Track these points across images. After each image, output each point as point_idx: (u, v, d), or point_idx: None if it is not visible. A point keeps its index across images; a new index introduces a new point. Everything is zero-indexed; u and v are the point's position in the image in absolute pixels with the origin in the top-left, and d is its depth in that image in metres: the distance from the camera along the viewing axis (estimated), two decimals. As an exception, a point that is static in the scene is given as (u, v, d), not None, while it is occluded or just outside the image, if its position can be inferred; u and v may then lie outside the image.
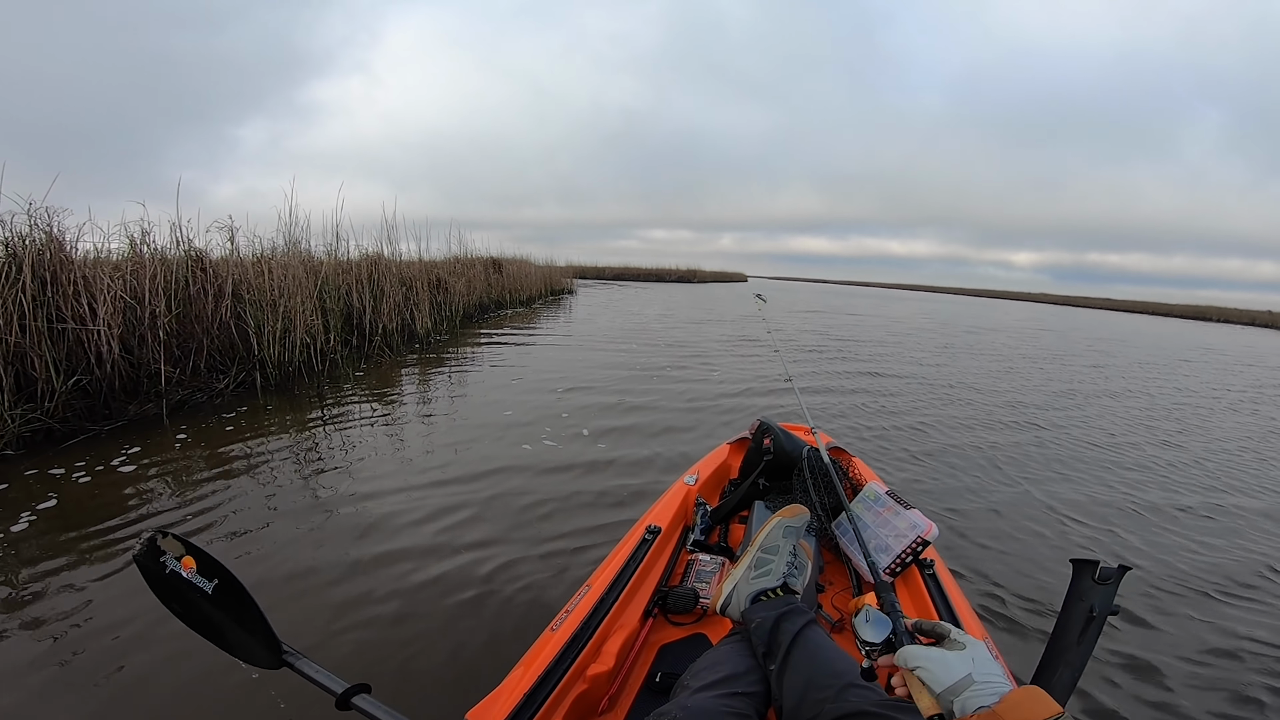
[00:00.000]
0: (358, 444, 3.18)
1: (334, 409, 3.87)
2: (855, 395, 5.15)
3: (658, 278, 35.89)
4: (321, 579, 1.88)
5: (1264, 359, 11.75)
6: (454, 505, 2.43)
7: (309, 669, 0.74)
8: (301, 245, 6.00)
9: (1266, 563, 2.39)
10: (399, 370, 5.21)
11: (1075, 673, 0.72)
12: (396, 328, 6.36)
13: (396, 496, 2.51)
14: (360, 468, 2.83)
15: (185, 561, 0.75)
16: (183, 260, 4.41)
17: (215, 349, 4.41)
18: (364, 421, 3.61)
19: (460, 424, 3.59)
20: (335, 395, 4.20)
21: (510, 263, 14.12)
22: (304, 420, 3.63)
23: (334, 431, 3.42)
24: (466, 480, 2.71)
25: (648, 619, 1.20)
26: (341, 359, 5.20)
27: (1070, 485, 3.16)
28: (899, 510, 1.39)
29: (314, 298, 5.29)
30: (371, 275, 6.53)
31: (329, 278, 5.78)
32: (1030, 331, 13.40)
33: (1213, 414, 5.35)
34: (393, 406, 3.95)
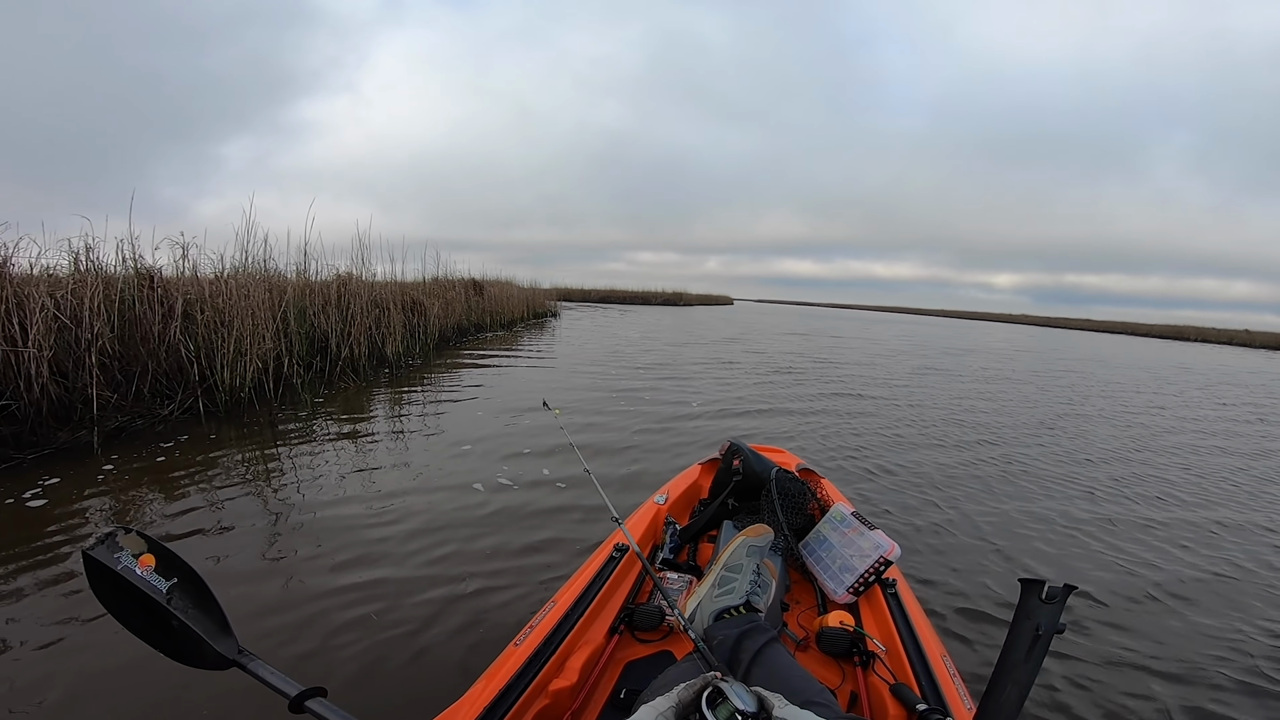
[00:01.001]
0: (297, 480, 2.94)
1: (282, 439, 3.63)
2: (826, 416, 5.23)
3: (644, 300, 35.91)
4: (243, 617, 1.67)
5: (1239, 377, 11.85)
6: (368, 578, 2.04)
7: (262, 670, 0.72)
8: (265, 264, 5.81)
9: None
10: (362, 397, 4.96)
11: (1023, 690, 0.74)
12: (364, 351, 6.13)
13: (299, 569, 2.10)
14: (291, 510, 2.58)
15: (143, 560, 0.72)
16: (129, 278, 4.20)
17: (162, 372, 4.17)
18: (309, 455, 3.35)
19: (411, 461, 3.28)
20: (288, 424, 3.96)
21: (492, 284, 13.97)
22: (248, 451, 3.38)
23: (276, 464, 3.18)
24: (400, 539, 2.29)
25: (613, 635, 1.19)
26: (301, 384, 4.95)
27: (1028, 504, 3.22)
28: (863, 531, 1.41)
29: (276, 319, 5.08)
30: (340, 296, 6.34)
31: (294, 298, 5.58)
32: (1008, 353, 13.41)
33: (1172, 434, 5.29)
34: (341, 441, 3.66)
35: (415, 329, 7.79)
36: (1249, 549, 2.75)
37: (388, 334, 6.67)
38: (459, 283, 11.92)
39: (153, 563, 0.73)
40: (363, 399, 4.87)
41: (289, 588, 1.95)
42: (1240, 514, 3.26)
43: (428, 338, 8.04)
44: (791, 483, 1.65)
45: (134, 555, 0.72)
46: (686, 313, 27.54)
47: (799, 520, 1.59)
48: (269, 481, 2.91)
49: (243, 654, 0.75)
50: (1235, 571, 2.50)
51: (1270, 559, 2.66)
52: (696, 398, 5.57)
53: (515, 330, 12.77)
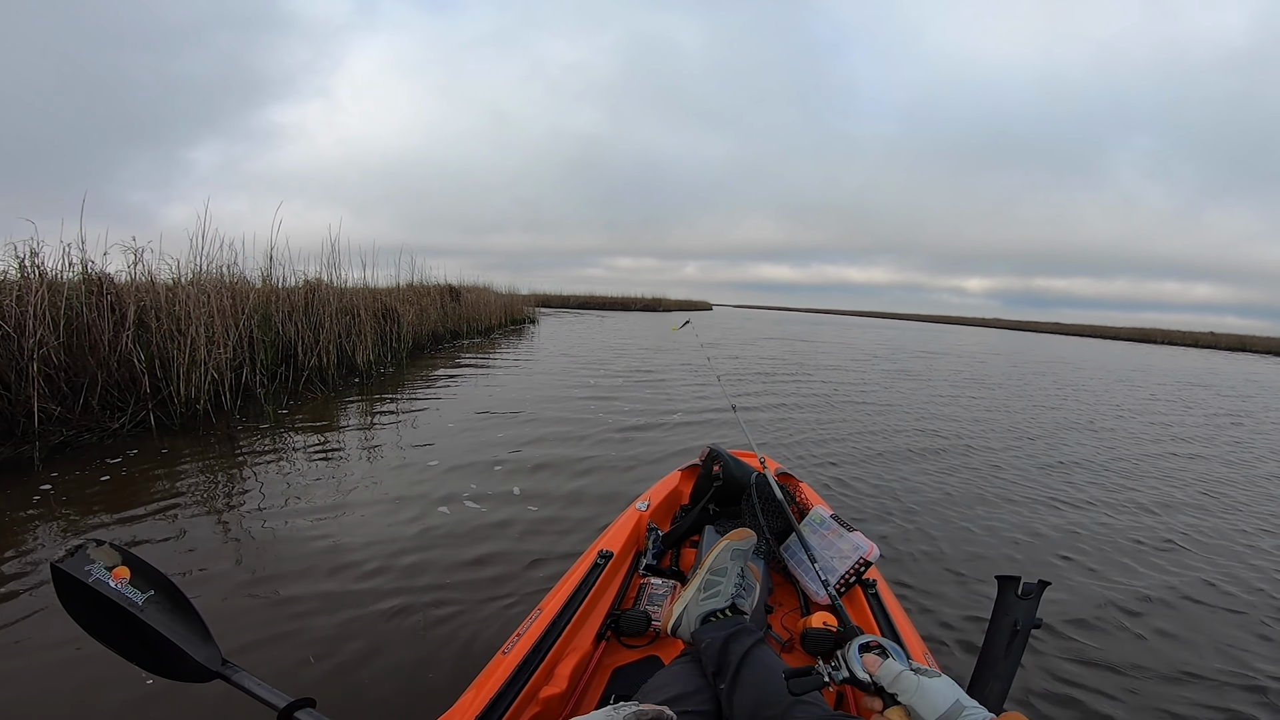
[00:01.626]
0: (250, 497, 2.76)
1: (239, 453, 3.44)
2: (803, 420, 5.29)
3: (623, 306, 35.84)
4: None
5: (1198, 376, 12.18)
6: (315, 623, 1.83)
7: (248, 682, 0.71)
8: (228, 269, 5.59)
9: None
10: (329, 408, 4.76)
11: (1004, 684, 0.75)
12: (334, 360, 5.93)
13: (241, 603, 1.89)
14: (241, 527, 2.42)
15: (117, 572, 0.70)
16: (77, 284, 3.98)
17: (113, 384, 3.95)
18: (265, 471, 3.16)
19: (375, 479, 3.07)
20: (248, 437, 3.77)
21: (469, 291, 13.75)
22: (200, 466, 3.20)
23: (229, 480, 3.00)
24: (359, 575, 2.05)
25: (600, 642, 1.20)
26: (264, 395, 4.75)
27: (1000, 505, 3.27)
28: (843, 533, 1.44)
29: (239, 327, 4.88)
30: (309, 303, 6.13)
31: (259, 305, 5.37)
32: (980, 356, 13.59)
33: (1134, 440, 5.37)
34: (300, 455, 3.46)
35: (388, 337, 7.59)
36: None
37: (358, 342, 6.46)
38: (434, 289, 11.71)
39: (127, 575, 0.70)
40: (330, 410, 4.68)
41: (234, 604, 1.82)
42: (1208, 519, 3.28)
43: (401, 346, 7.84)
44: (771, 487, 1.66)
45: (107, 568, 0.70)
46: (665, 318, 27.53)
47: (779, 524, 1.60)
48: (220, 498, 2.73)
49: (227, 665, 0.73)
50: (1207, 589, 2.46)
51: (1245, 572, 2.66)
52: (676, 403, 5.55)
53: (493, 338, 12.57)
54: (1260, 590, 2.41)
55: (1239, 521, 3.25)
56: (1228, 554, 2.77)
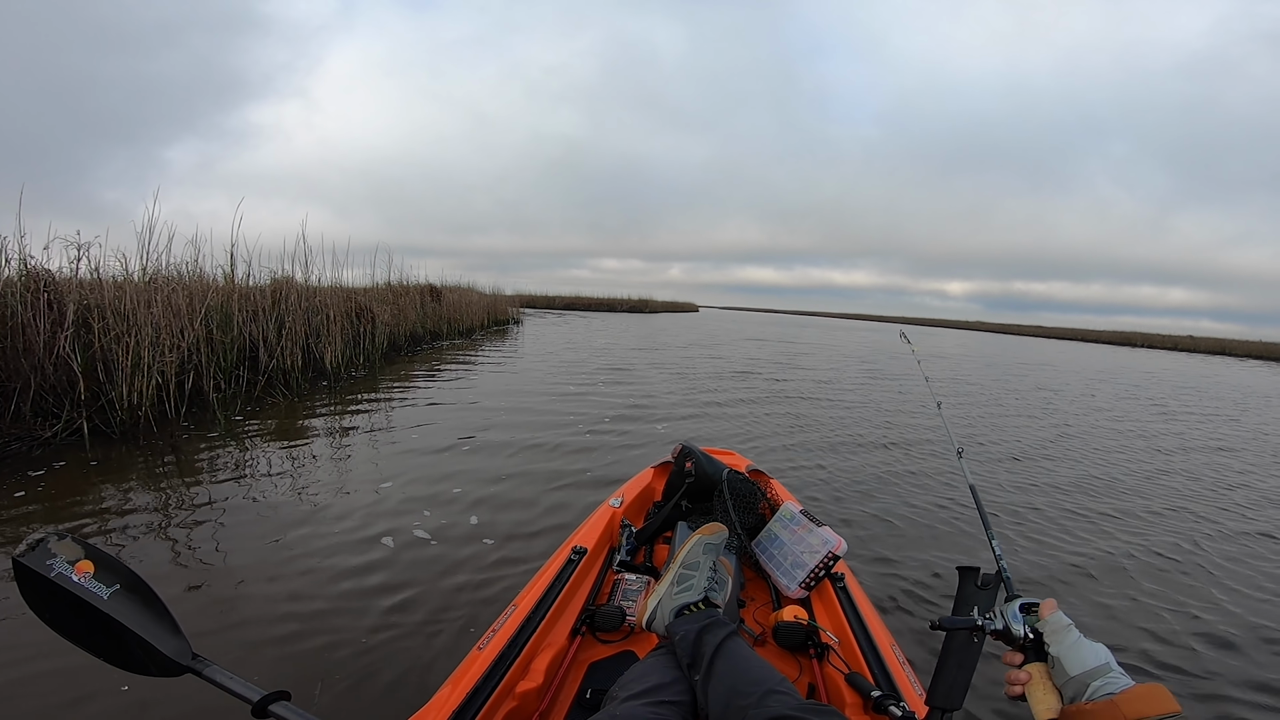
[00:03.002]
0: (168, 521, 2.47)
1: (178, 466, 3.15)
2: (779, 418, 5.33)
3: (609, 308, 35.58)
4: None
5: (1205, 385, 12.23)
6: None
7: (220, 676, 0.69)
8: (190, 267, 5.29)
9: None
10: (290, 415, 4.47)
11: (967, 673, 0.76)
12: (298, 363, 5.63)
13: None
14: (161, 554, 2.17)
15: (80, 566, 0.68)
16: (12, 280, 3.68)
17: (48, 388, 3.65)
18: (201, 486, 2.87)
19: (317, 501, 2.74)
20: (193, 446, 3.48)
21: (451, 291, 13.44)
22: (131, 480, 2.91)
23: (160, 496, 2.72)
24: (262, 621, 1.77)
25: (576, 637, 1.21)
26: (217, 401, 4.45)
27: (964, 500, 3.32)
28: (812, 528, 1.45)
29: (194, 327, 4.58)
30: (275, 302, 5.83)
31: (219, 305, 5.07)
32: (961, 358, 13.50)
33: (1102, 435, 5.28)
34: (244, 469, 3.13)
35: (362, 338, 7.30)
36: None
37: (326, 343, 6.16)
38: (414, 288, 11.40)
39: (91, 569, 0.69)
40: (290, 417, 4.39)
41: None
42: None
43: (376, 347, 7.54)
44: (742, 483, 1.69)
45: (69, 562, 0.68)
46: (651, 320, 27.32)
47: (750, 520, 1.63)
48: (140, 517, 2.46)
49: (198, 660, 0.71)
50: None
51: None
52: (661, 401, 5.42)
53: (474, 338, 12.28)
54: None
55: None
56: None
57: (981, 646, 0.77)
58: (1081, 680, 0.66)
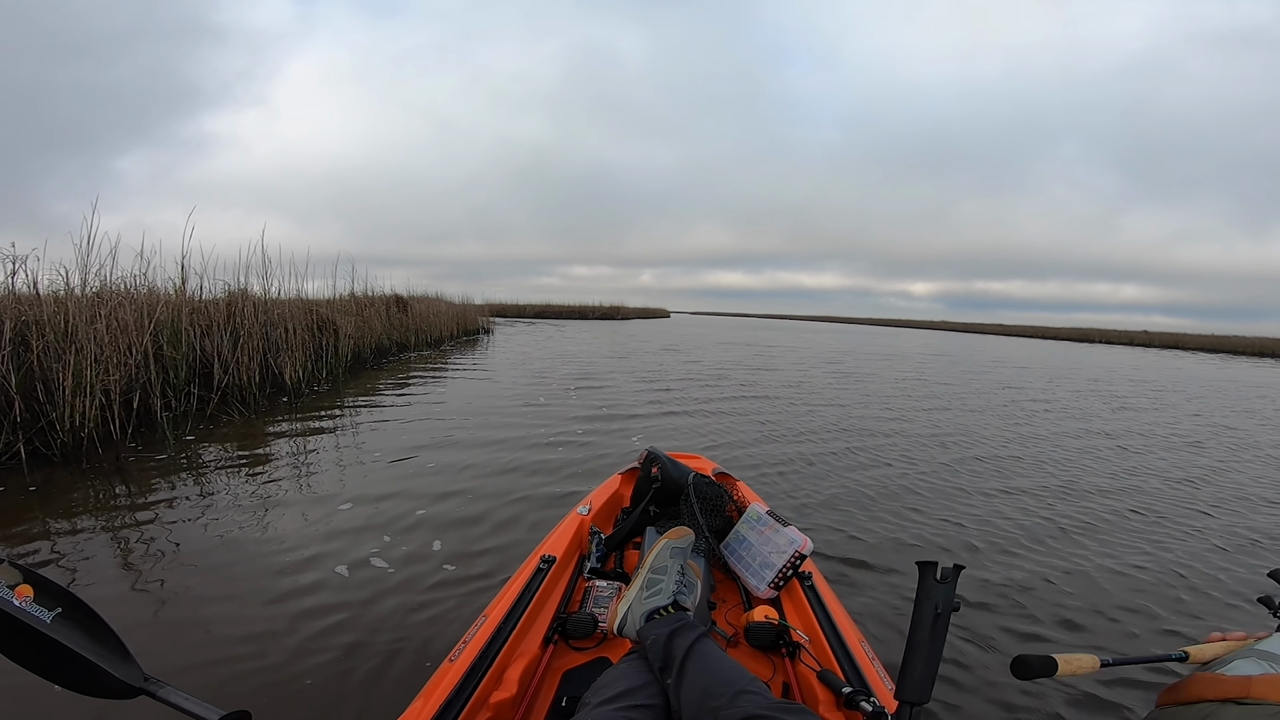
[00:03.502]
0: (113, 551, 2.33)
1: (122, 491, 2.99)
2: (747, 420, 5.44)
3: (580, 315, 35.45)
4: None
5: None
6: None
7: (175, 697, 0.67)
8: (134, 280, 5.07)
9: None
10: (246, 433, 4.30)
11: (932, 666, 0.78)
12: (255, 378, 5.43)
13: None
14: (98, 588, 2.05)
15: (20, 590, 0.66)
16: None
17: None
18: (138, 514, 2.68)
19: (270, 525, 2.61)
20: (141, 469, 3.31)
21: (418, 301, 13.21)
22: (65, 506, 2.74)
23: (89, 527, 2.54)
24: (205, 654, 1.67)
25: (548, 645, 1.20)
26: (167, 420, 4.25)
27: (922, 498, 3.47)
28: (778, 528, 1.47)
29: (142, 342, 4.39)
30: (230, 316, 5.63)
31: (169, 319, 4.87)
32: (924, 357, 13.81)
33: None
34: (191, 492, 2.95)
35: (324, 351, 7.10)
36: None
37: (285, 357, 5.97)
38: (380, 299, 11.17)
39: (31, 593, 0.67)
40: (245, 435, 4.22)
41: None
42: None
43: (339, 360, 7.34)
44: (709, 486, 1.70)
45: (9, 586, 0.67)
46: (623, 327, 27.32)
47: (718, 522, 1.65)
48: (87, 543, 2.32)
49: (150, 681, 0.70)
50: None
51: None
52: (632, 409, 5.39)
53: (443, 349, 12.07)
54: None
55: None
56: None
57: (944, 638, 0.78)
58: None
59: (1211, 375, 14.49)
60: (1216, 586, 2.44)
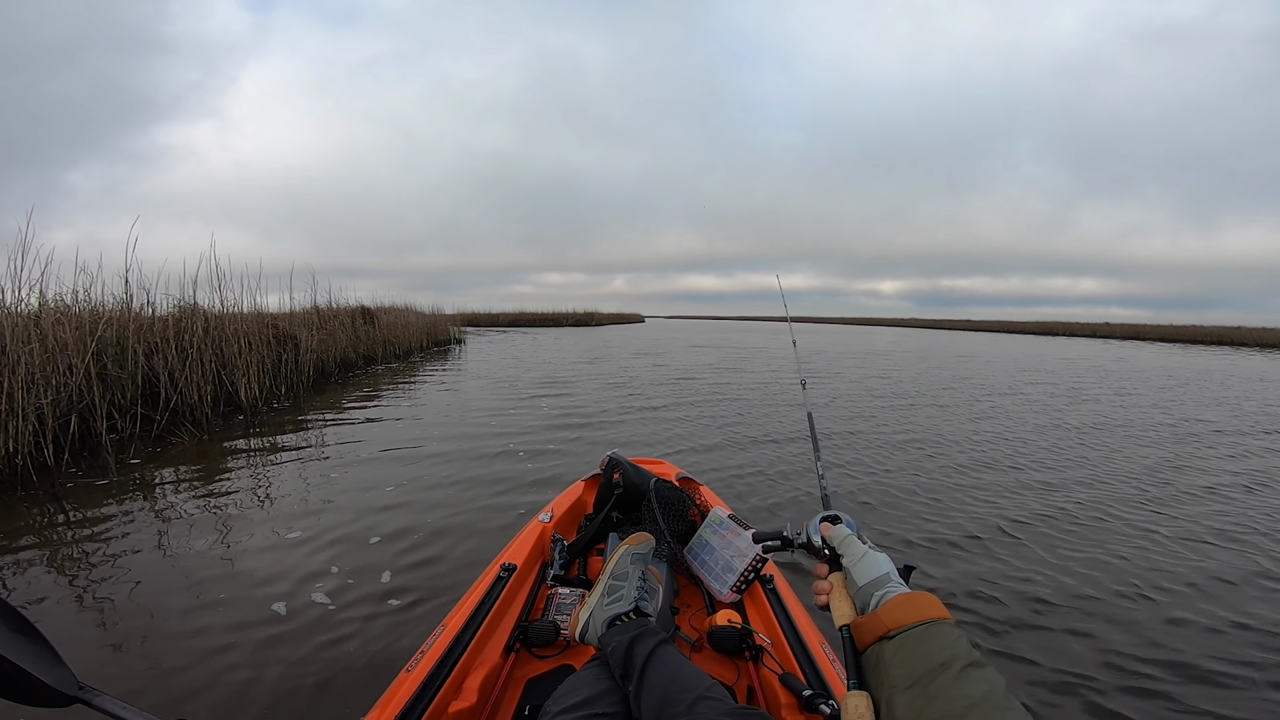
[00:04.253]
0: (38, 589, 2.19)
1: (54, 521, 2.82)
2: (716, 422, 5.46)
3: (554, 322, 35.25)
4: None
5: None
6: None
7: (111, 705, 0.65)
8: (75, 296, 4.84)
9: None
10: (195, 456, 4.09)
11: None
12: (207, 397, 5.23)
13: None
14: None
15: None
16: None
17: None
18: (69, 549, 2.52)
19: (214, 551, 2.48)
20: (75, 498, 3.12)
21: (386, 312, 12.96)
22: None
23: (23, 561, 2.39)
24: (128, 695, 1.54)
25: (510, 654, 1.19)
26: (110, 444, 4.06)
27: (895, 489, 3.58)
28: (740, 531, 1.46)
29: (83, 362, 4.18)
30: (179, 332, 5.41)
31: (114, 336, 4.66)
32: (899, 354, 14.00)
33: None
34: (128, 523, 2.77)
35: (284, 366, 6.89)
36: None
37: (239, 373, 5.77)
38: (344, 311, 10.91)
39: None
40: (194, 459, 4.02)
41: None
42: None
43: (301, 375, 7.13)
44: (670, 491, 1.69)
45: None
46: (598, 333, 27.24)
47: (681, 526, 1.63)
48: (10, 579, 2.17)
49: (84, 689, 0.68)
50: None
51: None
52: (605, 416, 5.34)
53: (412, 361, 11.84)
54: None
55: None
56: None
57: None
58: (866, 591, 0.67)
59: (1188, 365, 15.02)
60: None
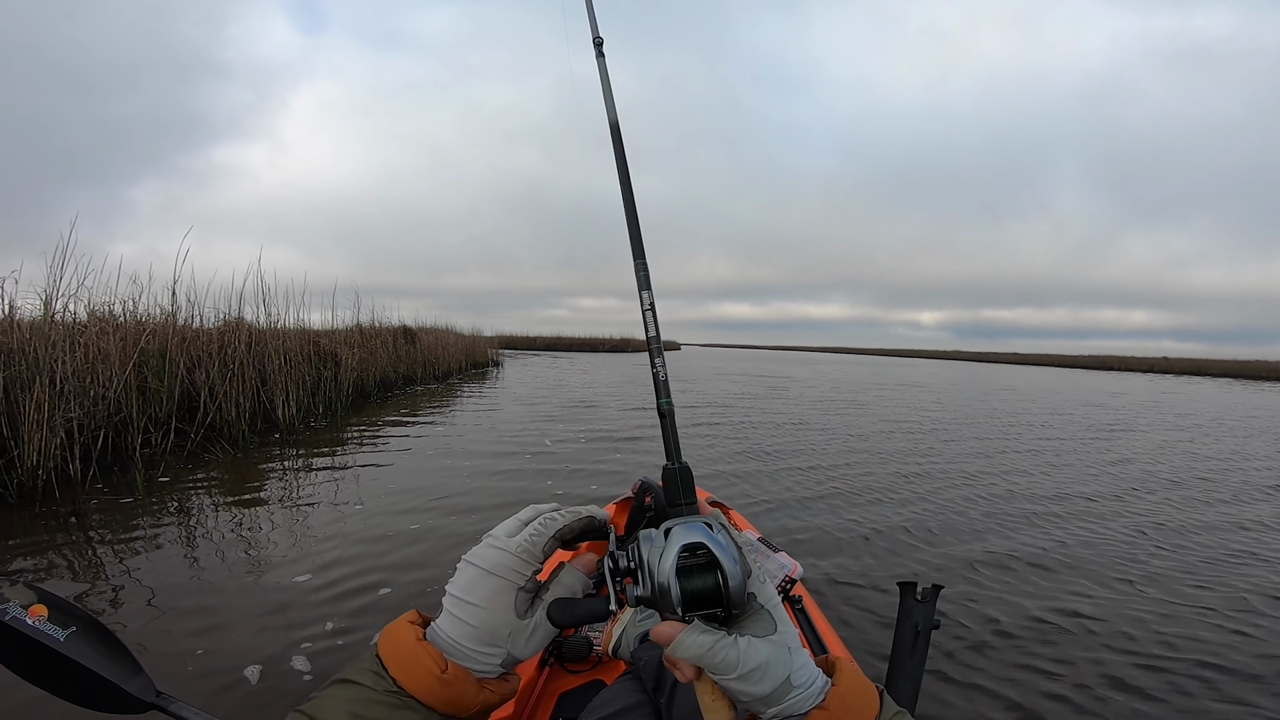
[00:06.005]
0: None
1: (64, 543, 2.63)
2: (740, 451, 5.10)
3: (591, 348, 35.27)
4: None
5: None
6: None
7: (187, 712, 0.67)
8: (122, 306, 4.81)
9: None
10: (225, 476, 3.90)
11: (914, 683, 0.78)
12: (245, 414, 5.10)
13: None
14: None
15: (34, 610, 0.64)
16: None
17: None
18: (84, 574, 2.35)
19: (206, 605, 2.13)
20: (99, 517, 2.94)
21: (427, 332, 13.00)
22: (6, 557, 2.40)
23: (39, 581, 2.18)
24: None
25: (544, 668, 1.20)
26: (142, 460, 3.91)
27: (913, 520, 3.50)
28: (769, 554, 1.48)
29: (125, 373, 4.09)
30: (222, 346, 5.35)
31: (158, 348, 4.59)
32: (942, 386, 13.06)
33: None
34: (142, 550, 2.57)
35: (324, 384, 6.79)
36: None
37: (278, 390, 5.65)
38: (387, 330, 10.94)
39: (45, 612, 0.64)
40: (223, 479, 3.84)
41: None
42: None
43: (340, 394, 7.03)
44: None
45: (22, 606, 0.64)
46: (634, 359, 27.01)
47: None
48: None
49: (162, 696, 0.67)
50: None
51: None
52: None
53: (450, 383, 11.77)
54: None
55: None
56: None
57: (925, 655, 0.80)
58: (754, 705, 0.48)
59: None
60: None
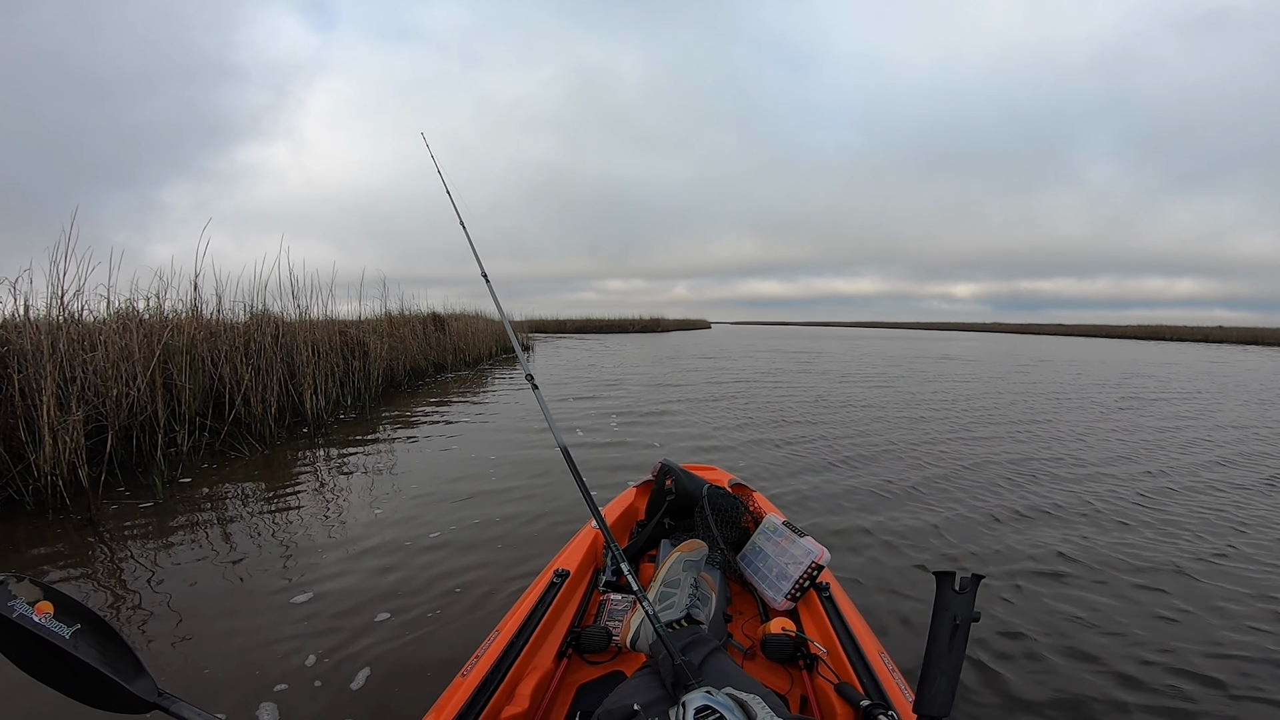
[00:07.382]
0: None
1: (75, 551, 2.47)
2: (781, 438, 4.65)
3: (620, 329, 35.00)
4: None
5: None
6: None
7: (188, 712, 0.69)
8: (145, 303, 4.70)
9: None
10: (251, 475, 3.75)
11: (952, 679, 0.75)
12: (272, 409, 4.97)
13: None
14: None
15: (40, 607, 0.68)
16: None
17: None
18: (91, 582, 2.20)
19: (199, 635, 1.88)
20: (114, 523, 2.79)
21: (456, 319, 12.89)
22: (17, 565, 2.23)
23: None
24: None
25: (562, 660, 1.18)
26: (163, 461, 3.78)
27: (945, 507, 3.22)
28: (795, 539, 1.43)
29: (147, 371, 3.97)
30: (249, 341, 5.22)
31: (185, 344, 4.46)
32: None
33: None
34: (144, 562, 2.38)
35: (353, 375, 6.67)
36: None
37: (305, 383, 5.51)
38: (416, 318, 10.84)
39: (51, 609, 0.68)
40: (249, 478, 3.67)
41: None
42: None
43: (370, 385, 6.91)
44: (723, 498, 1.68)
45: (29, 603, 0.67)
46: (665, 339, 26.63)
47: (734, 533, 1.61)
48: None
49: (164, 696, 0.70)
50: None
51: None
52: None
53: (481, 369, 11.64)
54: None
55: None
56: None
57: (964, 650, 0.77)
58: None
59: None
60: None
